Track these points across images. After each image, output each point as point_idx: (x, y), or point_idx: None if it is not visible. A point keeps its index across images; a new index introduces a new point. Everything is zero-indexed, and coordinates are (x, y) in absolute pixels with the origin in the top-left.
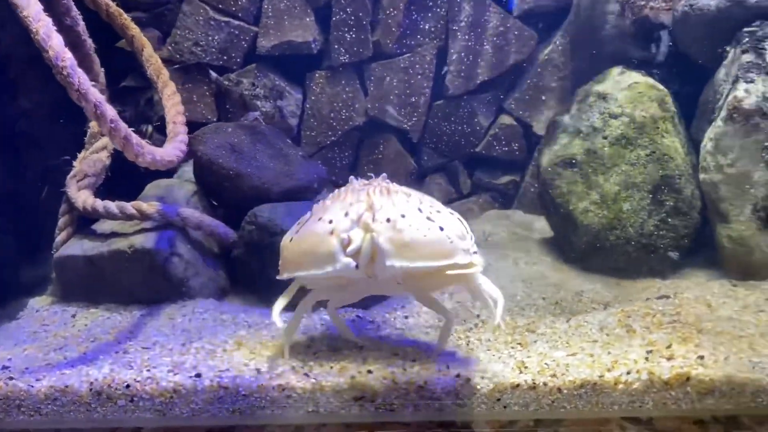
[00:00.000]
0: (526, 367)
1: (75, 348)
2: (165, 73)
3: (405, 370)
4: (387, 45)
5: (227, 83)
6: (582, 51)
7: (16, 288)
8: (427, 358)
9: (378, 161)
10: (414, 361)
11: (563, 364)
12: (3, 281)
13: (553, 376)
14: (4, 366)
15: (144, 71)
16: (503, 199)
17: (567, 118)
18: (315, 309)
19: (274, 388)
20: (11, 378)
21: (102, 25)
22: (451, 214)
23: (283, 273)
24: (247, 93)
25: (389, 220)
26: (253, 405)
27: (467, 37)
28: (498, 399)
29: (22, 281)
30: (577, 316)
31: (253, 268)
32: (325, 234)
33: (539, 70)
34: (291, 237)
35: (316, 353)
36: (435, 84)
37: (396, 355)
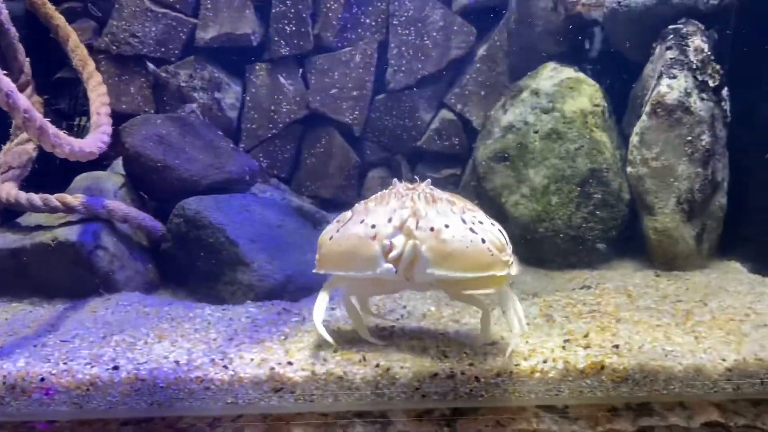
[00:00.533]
0: (445, 356)
1: None
2: (91, 64)
3: (325, 361)
4: (328, 38)
5: (164, 75)
6: (518, 47)
7: None
8: (350, 349)
9: (320, 155)
10: (336, 352)
11: (482, 353)
12: None
13: (471, 365)
14: None
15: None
16: None
17: (501, 113)
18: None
19: (192, 380)
20: None
21: None
22: (492, 224)
23: (321, 268)
24: (185, 85)
25: (433, 229)
26: (172, 397)
27: (407, 32)
28: (417, 388)
29: None
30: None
31: (182, 261)
32: (367, 238)
33: (478, 65)
34: (331, 235)
35: (238, 345)
36: (377, 78)
37: (319, 347)
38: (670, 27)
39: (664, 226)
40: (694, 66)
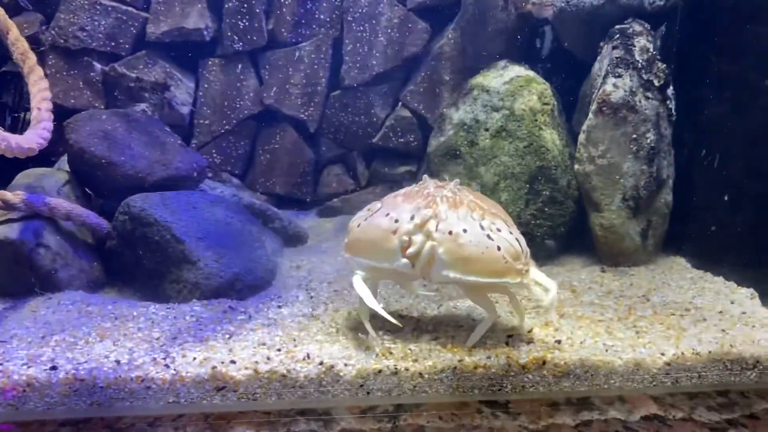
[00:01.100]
0: (390, 353)
1: None
2: (32, 58)
3: (269, 359)
4: (282, 34)
5: (113, 74)
6: (472, 44)
7: None
8: (294, 347)
9: (275, 151)
10: (279, 351)
11: (426, 349)
12: None
13: (415, 361)
14: None
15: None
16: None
17: (453, 110)
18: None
19: (132, 379)
20: None
21: None
22: (511, 233)
23: (347, 252)
24: (134, 86)
25: (451, 232)
26: (111, 397)
27: (362, 29)
28: (361, 385)
29: None
30: (449, 302)
31: (128, 259)
32: (388, 231)
33: (433, 63)
34: (359, 222)
35: (181, 344)
36: (332, 75)
37: (263, 345)
38: (616, 27)
39: (610, 222)
40: (639, 65)
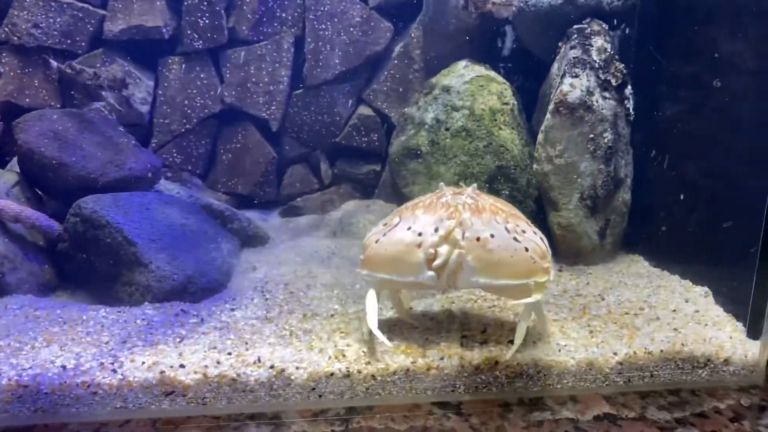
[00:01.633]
0: (344, 356)
1: None
2: None
3: (219, 363)
4: (243, 32)
5: (69, 71)
6: (433, 44)
7: None
8: (245, 350)
9: (237, 150)
10: (230, 354)
11: (379, 351)
12: None
13: (368, 363)
14: None
15: None
16: (364, 189)
17: (415, 109)
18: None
19: (78, 385)
20: None
21: None
22: (535, 233)
23: (365, 269)
24: (90, 83)
25: (479, 239)
26: (57, 403)
27: (324, 27)
28: (313, 388)
29: None
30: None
31: (80, 261)
32: (413, 245)
33: (396, 62)
34: (377, 238)
35: (131, 348)
36: (294, 73)
37: (214, 348)
38: (574, 27)
39: (567, 221)
40: (596, 65)
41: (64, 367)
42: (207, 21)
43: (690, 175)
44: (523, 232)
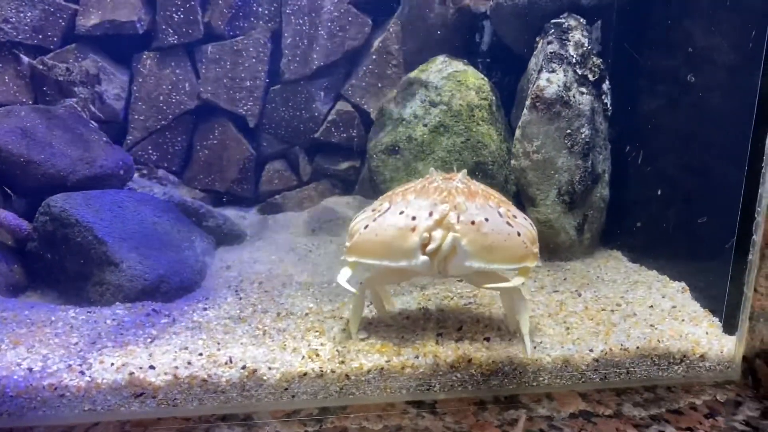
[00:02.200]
0: (317, 355)
1: None
2: None
3: (189, 364)
4: (219, 26)
5: (41, 67)
6: (411, 39)
7: None
8: (217, 350)
9: (214, 147)
10: (201, 355)
11: (354, 350)
12: None
13: (342, 362)
14: None
15: None
16: (343, 185)
17: (392, 105)
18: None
19: (44, 387)
20: None
21: None
22: (525, 219)
23: (351, 256)
24: (63, 79)
25: (474, 222)
26: (23, 406)
27: (301, 22)
28: (285, 389)
29: None
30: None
31: (50, 261)
32: (407, 229)
33: (374, 57)
34: (366, 224)
35: (100, 349)
36: (271, 68)
37: (185, 349)
38: (552, 21)
39: (545, 217)
40: (573, 60)
41: (30, 370)
42: (182, 15)
43: (667, 170)
44: (515, 216)
